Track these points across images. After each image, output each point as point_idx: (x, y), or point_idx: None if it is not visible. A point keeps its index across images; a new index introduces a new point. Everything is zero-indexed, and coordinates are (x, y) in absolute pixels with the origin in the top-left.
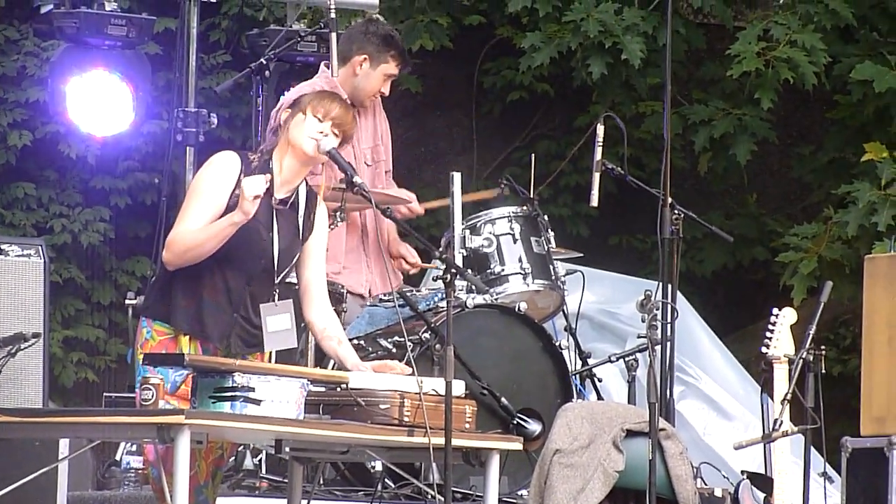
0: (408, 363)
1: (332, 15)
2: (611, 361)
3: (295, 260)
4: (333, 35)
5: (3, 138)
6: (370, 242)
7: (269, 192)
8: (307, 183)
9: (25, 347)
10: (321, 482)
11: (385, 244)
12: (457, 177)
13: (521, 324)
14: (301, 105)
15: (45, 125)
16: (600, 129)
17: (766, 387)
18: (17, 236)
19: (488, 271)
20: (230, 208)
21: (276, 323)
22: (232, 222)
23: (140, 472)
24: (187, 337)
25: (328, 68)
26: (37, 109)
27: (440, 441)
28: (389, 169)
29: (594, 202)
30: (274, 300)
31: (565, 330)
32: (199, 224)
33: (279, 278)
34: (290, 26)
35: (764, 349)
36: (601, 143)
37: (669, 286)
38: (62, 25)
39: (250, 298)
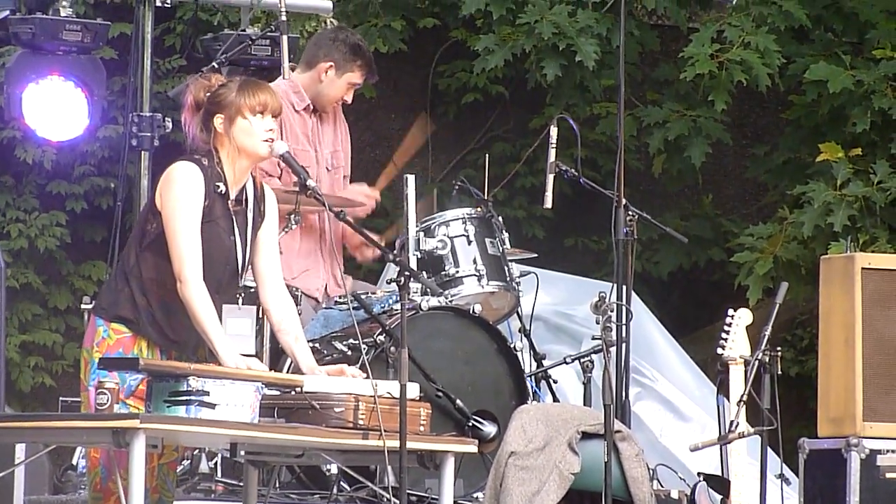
0: (362, 366)
1: (283, 18)
2: (566, 363)
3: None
4: (284, 38)
5: None
6: (326, 246)
7: (225, 195)
8: (252, 175)
9: None
10: (277, 485)
11: (339, 242)
12: (411, 179)
13: (475, 326)
14: (234, 108)
15: (1, 130)
16: (553, 131)
17: (722, 388)
18: None
19: (443, 273)
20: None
21: (237, 326)
22: (215, 349)
23: None
24: (147, 340)
25: (293, 71)
26: None
27: (395, 444)
28: (348, 174)
29: (548, 204)
30: (238, 303)
31: (520, 331)
32: (198, 246)
33: (243, 277)
34: (244, 30)
35: (720, 350)
36: (555, 145)
37: (624, 287)
38: (17, 31)
39: (219, 305)
